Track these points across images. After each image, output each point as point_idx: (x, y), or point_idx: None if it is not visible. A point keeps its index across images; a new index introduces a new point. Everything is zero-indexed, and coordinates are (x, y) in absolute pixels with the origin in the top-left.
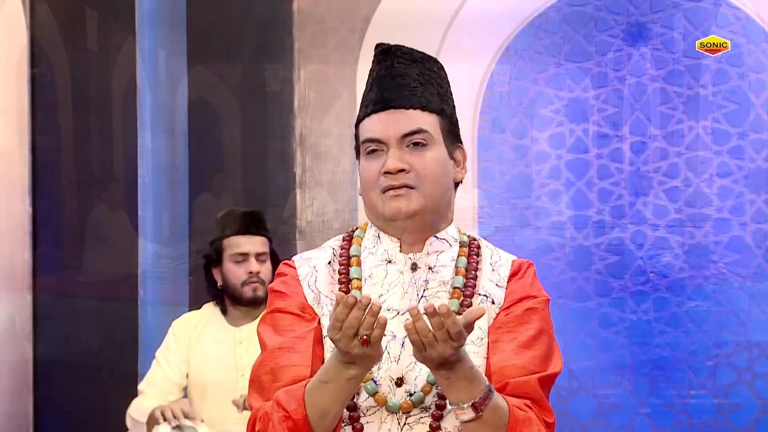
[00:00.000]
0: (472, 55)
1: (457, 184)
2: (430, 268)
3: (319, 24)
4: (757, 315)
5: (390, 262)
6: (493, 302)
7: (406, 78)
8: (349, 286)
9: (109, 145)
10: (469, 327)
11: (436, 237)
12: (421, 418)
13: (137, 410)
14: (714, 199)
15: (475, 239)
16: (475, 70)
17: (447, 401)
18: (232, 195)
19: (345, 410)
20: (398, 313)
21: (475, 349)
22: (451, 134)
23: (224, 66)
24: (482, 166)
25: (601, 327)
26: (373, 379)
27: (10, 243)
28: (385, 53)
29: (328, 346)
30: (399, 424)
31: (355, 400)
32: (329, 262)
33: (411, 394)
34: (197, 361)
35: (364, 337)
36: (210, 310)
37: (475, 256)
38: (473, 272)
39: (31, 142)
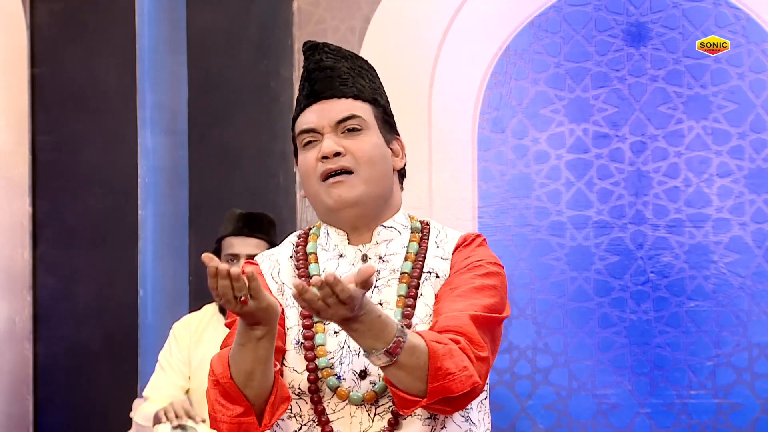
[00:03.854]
0: (472, 55)
1: (402, 177)
2: (380, 258)
3: (319, 24)
4: (757, 315)
5: (342, 256)
6: (437, 276)
7: (336, 70)
8: (309, 282)
9: (109, 145)
10: (366, 284)
11: (383, 226)
12: (391, 407)
13: (142, 415)
14: (714, 199)
15: (428, 224)
16: (475, 70)
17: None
18: (232, 195)
19: (310, 404)
20: None
21: (424, 328)
22: (387, 124)
23: (224, 66)
24: (482, 166)
25: (601, 327)
26: (336, 374)
27: (10, 243)
28: (313, 49)
29: (292, 339)
30: (369, 415)
31: (321, 395)
32: (291, 256)
33: (375, 384)
34: (198, 363)
35: (243, 298)
36: (210, 311)
37: (426, 240)
38: (422, 255)
39: (31, 142)
